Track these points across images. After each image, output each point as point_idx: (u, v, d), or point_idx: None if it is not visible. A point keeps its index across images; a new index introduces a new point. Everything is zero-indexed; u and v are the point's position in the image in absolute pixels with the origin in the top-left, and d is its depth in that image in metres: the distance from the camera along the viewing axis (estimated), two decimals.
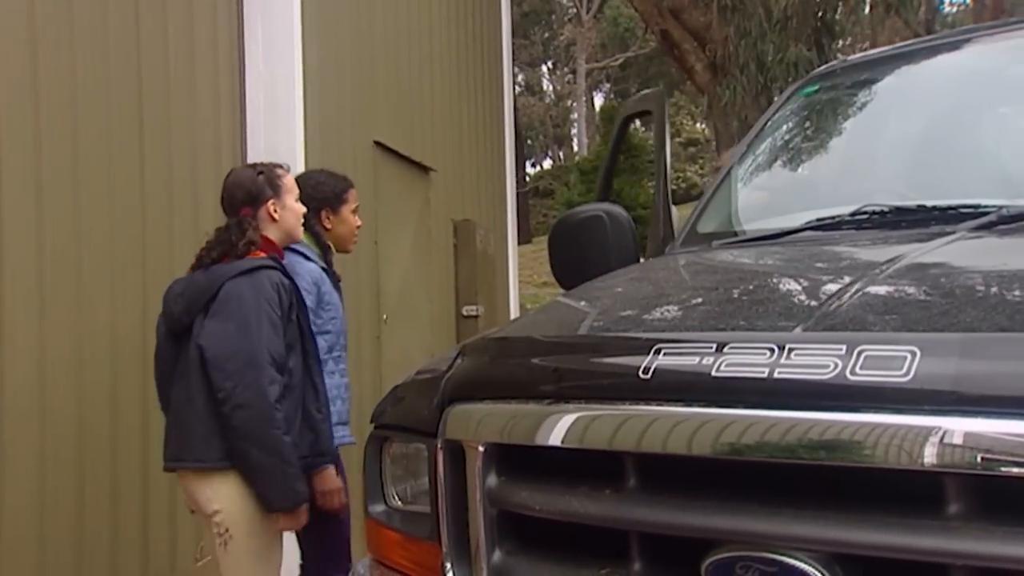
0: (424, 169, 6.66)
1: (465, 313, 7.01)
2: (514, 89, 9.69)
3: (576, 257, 2.60)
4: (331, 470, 3.17)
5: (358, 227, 3.50)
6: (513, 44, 9.83)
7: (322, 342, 3.23)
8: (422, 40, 6.89)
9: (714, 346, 1.35)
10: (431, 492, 1.70)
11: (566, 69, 35.33)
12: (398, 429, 1.86)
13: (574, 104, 34.98)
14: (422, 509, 1.77)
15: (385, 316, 5.76)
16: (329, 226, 3.43)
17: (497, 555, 1.56)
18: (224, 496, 2.72)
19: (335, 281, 3.38)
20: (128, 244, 3.75)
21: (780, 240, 2.19)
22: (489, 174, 8.35)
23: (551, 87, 37.18)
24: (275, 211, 2.95)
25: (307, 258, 3.29)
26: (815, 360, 1.26)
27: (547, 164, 37.78)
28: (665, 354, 1.38)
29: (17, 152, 3.29)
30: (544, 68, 36.95)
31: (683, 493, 1.36)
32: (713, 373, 1.32)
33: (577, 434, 1.45)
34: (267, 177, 2.98)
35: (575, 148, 34.55)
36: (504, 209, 8.48)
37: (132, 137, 3.90)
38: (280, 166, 3.08)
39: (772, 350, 1.30)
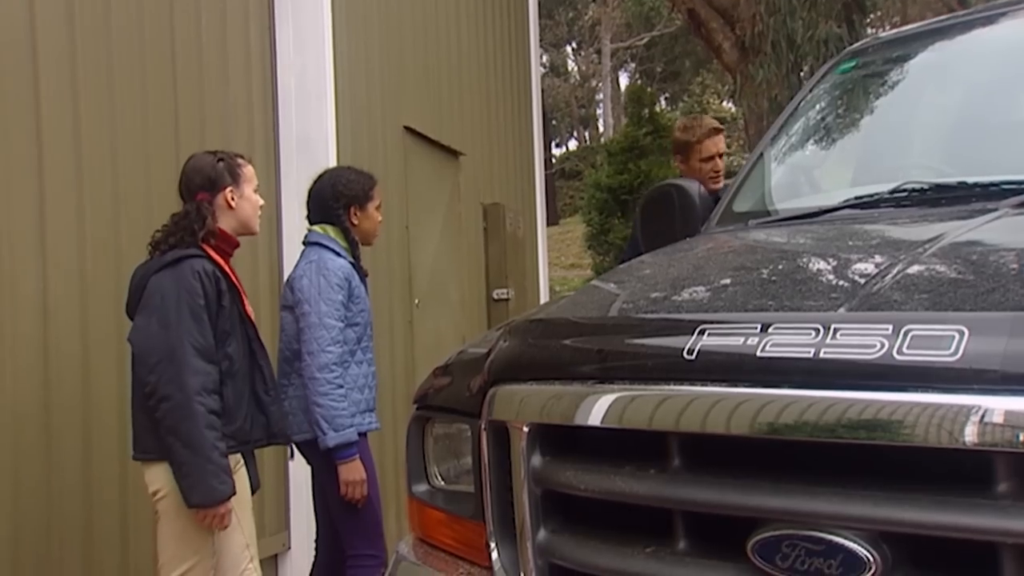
0: (453, 153, 6.67)
1: (495, 296, 7.02)
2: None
3: (653, 231, 2.66)
4: (356, 461, 3.22)
5: (379, 223, 3.59)
6: (538, 25, 9.80)
7: (351, 333, 3.31)
8: (450, 25, 6.89)
9: (759, 326, 1.35)
10: (475, 472, 1.72)
11: (591, 49, 35.11)
12: (440, 410, 1.88)
13: (599, 85, 34.76)
14: (465, 488, 1.80)
15: (417, 300, 5.80)
16: (356, 222, 3.49)
17: (542, 534, 1.58)
18: (160, 479, 2.76)
19: (362, 275, 3.46)
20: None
21: (818, 219, 2.18)
22: (517, 157, 8.35)
23: (576, 68, 36.97)
24: (232, 199, 2.94)
25: (337, 254, 3.36)
26: (861, 340, 1.26)
27: (572, 145, 37.64)
28: (709, 335, 1.39)
29: (57, 144, 3.35)
30: (569, 49, 36.73)
31: (729, 472, 1.37)
32: (758, 353, 1.32)
33: (620, 414, 1.46)
34: (227, 164, 2.96)
35: (601, 129, 34.38)
36: (533, 191, 8.48)
37: (168, 127, 3.94)
38: (241, 156, 3.07)
39: (817, 330, 1.30)
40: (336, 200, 3.46)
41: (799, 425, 1.28)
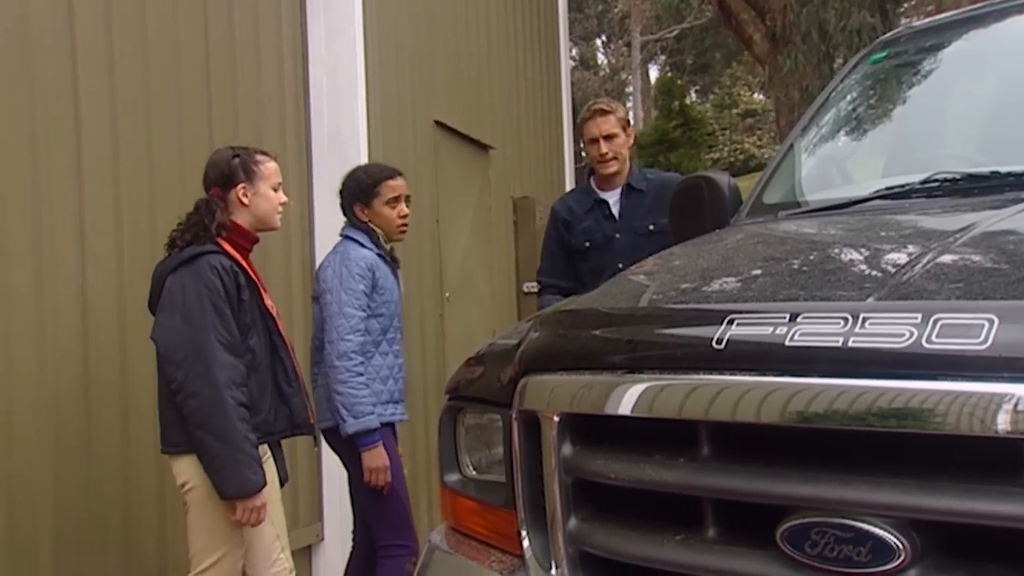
0: (483, 147, 6.69)
1: (526, 290, 7.03)
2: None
3: (681, 223, 2.67)
4: (379, 448, 3.26)
5: (402, 216, 3.54)
6: (568, 18, 9.78)
7: (375, 324, 3.34)
8: (479, 19, 6.90)
9: (787, 316, 1.36)
10: (506, 461, 1.74)
11: (621, 42, 34.98)
12: (472, 400, 1.91)
13: (629, 78, 34.65)
14: (497, 478, 1.82)
15: (448, 294, 5.83)
16: (365, 218, 3.51)
17: (572, 522, 1.59)
18: (188, 472, 2.80)
19: (393, 267, 3.49)
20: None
21: (849, 210, 2.18)
22: (547, 150, 8.35)
23: (606, 61, 36.86)
24: (245, 196, 2.94)
25: (361, 245, 3.40)
26: (890, 329, 1.27)
27: None
28: (738, 324, 1.40)
29: (95, 140, 3.42)
30: (598, 42, 36.63)
31: (758, 461, 1.38)
32: (787, 343, 1.33)
33: (650, 403, 1.47)
34: (242, 161, 2.97)
35: (632, 121, 34.32)
36: (563, 184, 8.48)
37: (201, 122, 4.00)
38: (264, 152, 3.07)
39: (846, 319, 1.31)
40: (343, 198, 3.54)
41: (829, 413, 1.28)
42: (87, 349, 3.30)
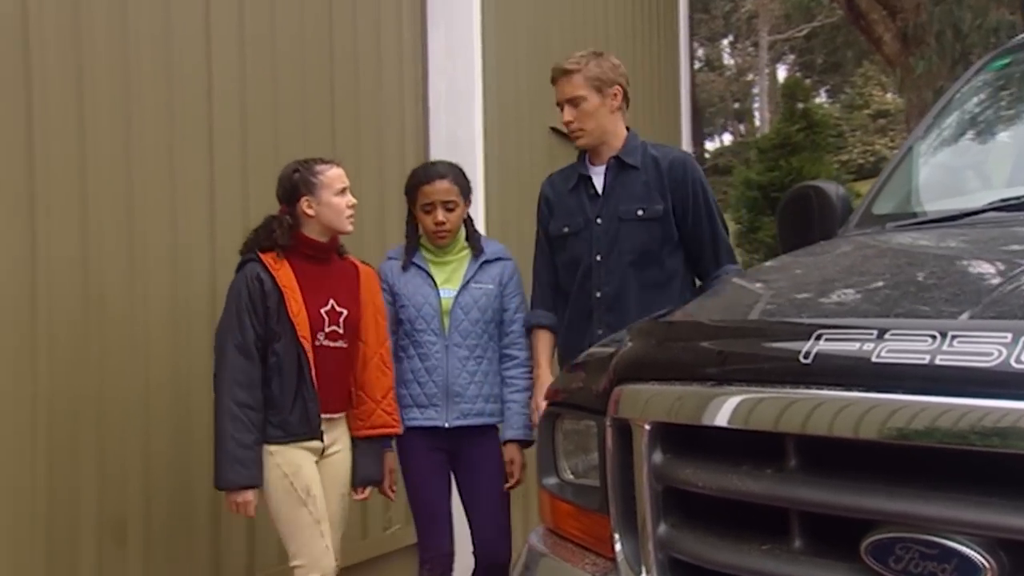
0: None
1: None
2: (692, 66, 9.54)
3: (789, 234, 2.67)
4: (391, 452, 3.27)
5: (437, 223, 3.26)
6: (692, 19, 9.69)
7: (400, 329, 3.33)
8: (597, 25, 6.94)
9: (875, 332, 1.38)
10: (600, 467, 1.80)
11: (747, 42, 34.32)
12: (570, 407, 1.97)
13: (756, 78, 33.97)
14: (592, 483, 1.87)
15: None
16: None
17: (662, 528, 1.64)
18: None
19: (426, 270, 3.31)
20: None
21: (959, 222, 2.14)
22: None
23: (732, 61, 36.23)
24: (309, 208, 3.04)
25: (389, 256, 3.41)
26: (979, 347, 1.27)
27: (727, 139, 36.94)
28: (826, 340, 1.42)
29: (225, 147, 3.64)
30: (724, 42, 36.04)
31: (844, 474, 1.39)
32: (873, 359, 1.35)
33: (742, 416, 1.50)
34: (302, 175, 3.06)
35: (757, 123, 33.62)
36: None
37: (325, 128, 4.19)
38: (325, 160, 3.13)
39: (934, 336, 1.32)
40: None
41: (928, 431, 1.29)
42: (177, 342, 3.44)
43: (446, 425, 3.27)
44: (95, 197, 3.15)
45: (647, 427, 1.64)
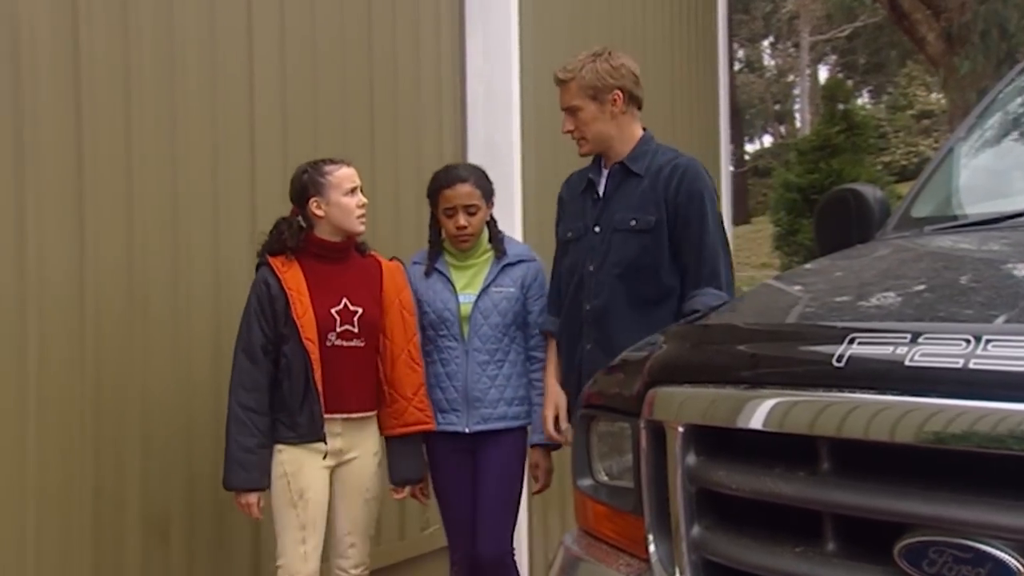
0: None
1: None
2: (731, 67, 9.51)
3: (828, 237, 2.66)
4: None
5: (459, 228, 3.23)
6: (732, 20, 9.65)
7: (424, 334, 3.31)
8: (636, 29, 6.94)
9: (909, 336, 1.38)
10: (634, 469, 1.81)
11: (788, 43, 34.03)
12: (604, 409, 1.98)
13: (796, 79, 33.67)
14: (626, 484, 1.88)
15: None
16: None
17: (696, 530, 1.65)
18: None
19: (446, 276, 3.30)
20: None
21: (999, 225, 2.12)
22: (702, 157, 8.25)
23: (772, 62, 35.93)
24: (319, 208, 3.04)
25: (415, 262, 3.39)
26: (1013, 352, 1.27)
27: (768, 141, 36.64)
28: (859, 343, 1.42)
29: (267, 145, 3.71)
30: (765, 43, 35.76)
31: (877, 478, 1.40)
32: (906, 362, 1.35)
33: (777, 419, 1.51)
34: (310, 176, 3.07)
35: (798, 124, 33.32)
36: (718, 191, 8.39)
37: (364, 129, 4.25)
38: (333, 161, 3.12)
39: (968, 341, 1.32)
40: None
41: (963, 435, 1.29)
42: (219, 342, 3.45)
43: (467, 430, 3.26)
44: (141, 198, 3.21)
45: (680, 429, 1.65)
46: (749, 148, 34.90)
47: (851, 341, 1.43)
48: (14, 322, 2.84)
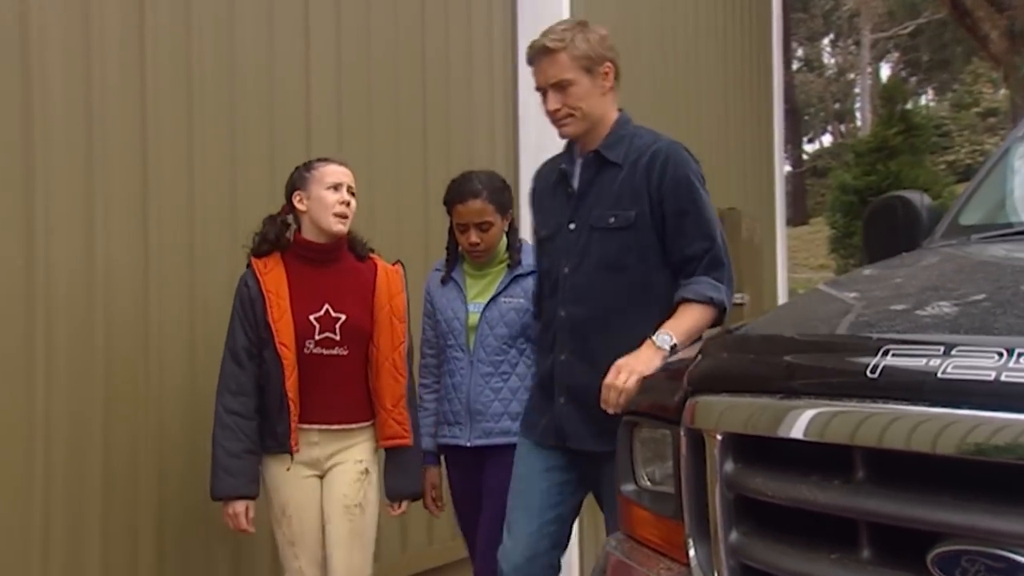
0: None
1: (734, 301, 6.99)
2: (789, 67, 9.45)
3: (876, 244, 2.67)
4: (431, 469, 3.20)
5: (471, 244, 3.13)
6: (791, 19, 9.58)
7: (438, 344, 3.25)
8: (687, 31, 6.94)
9: (942, 348, 1.40)
10: (675, 475, 1.85)
11: (849, 41, 33.53)
12: (647, 416, 2.03)
13: (857, 77, 33.16)
14: (668, 490, 1.92)
15: None
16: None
17: (734, 535, 1.68)
18: None
19: (459, 285, 3.22)
20: (412, 235, 4.16)
21: None
22: (756, 159, 8.23)
23: (833, 61, 35.42)
24: (301, 203, 2.94)
25: (437, 269, 3.33)
26: None
27: (827, 141, 36.12)
28: (893, 355, 1.45)
29: (323, 145, 3.78)
30: (825, 42, 35.28)
31: (911, 487, 1.42)
32: (939, 375, 1.37)
33: (817, 429, 1.54)
34: (299, 172, 2.98)
35: (858, 123, 32.81)
36: (772, 195, 8.33)
37: (417, 133, 4.34)
38: (329, 159, 3.03)
39: (1001, 354, 1.34)
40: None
41: (1009, 447, 1.30)
42: None
43: (467, 444, 3.14)
44: (201, 197, 3.32)
45: (719, 437, 1.69)
46: (808, 148, 34.43)
47: (885, 353, 1.46)
48: (82, 323, 2.93)
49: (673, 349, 2.37)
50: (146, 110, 3.16)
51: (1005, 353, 1.33)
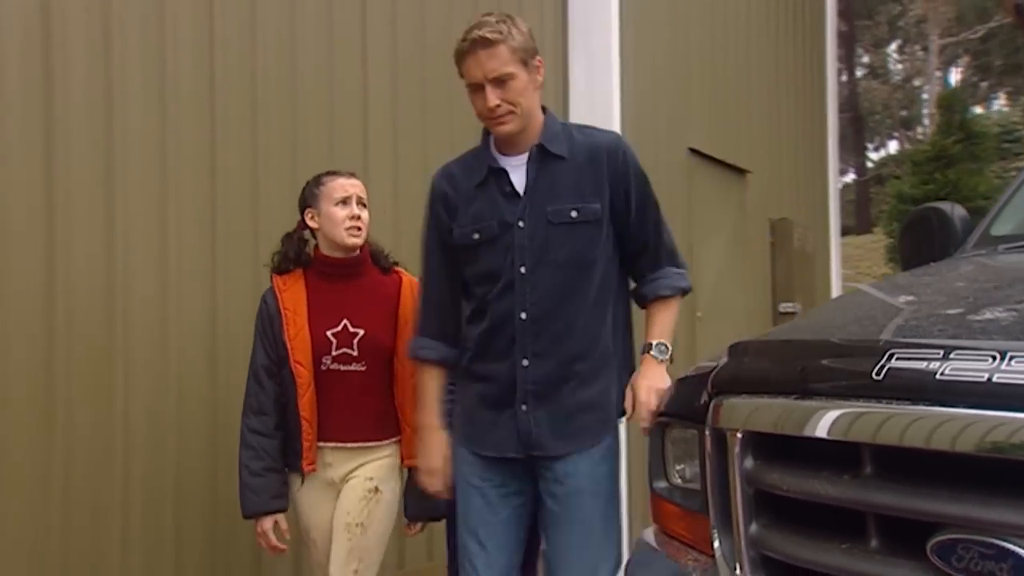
0: (740, 171, 6.80)
1: (782, 310, 7.06)
2: (853, 74, 9.40)
3: (911, 254, 2.76)
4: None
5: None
6: (855, 25, 9.56)
7: None
8: (739, 42, 7.01)
9: (941, 352, 1.51)
10: (700, 472, 1.97)
11: (916, 47, 33.04)
12: (676, 416, 2.15)
13: (924, 84, 32.64)
14: (696, 486, 2.04)
15: (699, 313, 6.01)
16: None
17: (754, 527, 1.80)
18: None
19: None
20: None
21: None
22: (809, 169, 8.25)
23: (899, 67, 34.93)
24: (313, 220, 2.93)
25: None
26: None
27: (893, 148, 35.60)
28: (897, 358, 1.56)
29: (379, 150, 4.01)
30: (891, 47, 34.81)
31: (913, 481, 1.53)
32: (937, 376, 1.48)
33: (847, 428, 1.63)
34: (309, 187, 2.96)
35: (923, 131, 32.28)
36: (825, 204, 8.34)
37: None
38: (336, 172, 2.98)
39: (994, 357, 1.44)
40: None
41: (987, 442, 1.41)
42: None
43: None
44: (266, 199, 3.53)
45: (739, 435, 1.81)
46: (874, 156, 33.96)
47: (890, 356, 1.57)
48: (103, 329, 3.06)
49: (671, 357, 2.49)
50: (215, 123, 3.38)
51: (998, 356, 1.44)
